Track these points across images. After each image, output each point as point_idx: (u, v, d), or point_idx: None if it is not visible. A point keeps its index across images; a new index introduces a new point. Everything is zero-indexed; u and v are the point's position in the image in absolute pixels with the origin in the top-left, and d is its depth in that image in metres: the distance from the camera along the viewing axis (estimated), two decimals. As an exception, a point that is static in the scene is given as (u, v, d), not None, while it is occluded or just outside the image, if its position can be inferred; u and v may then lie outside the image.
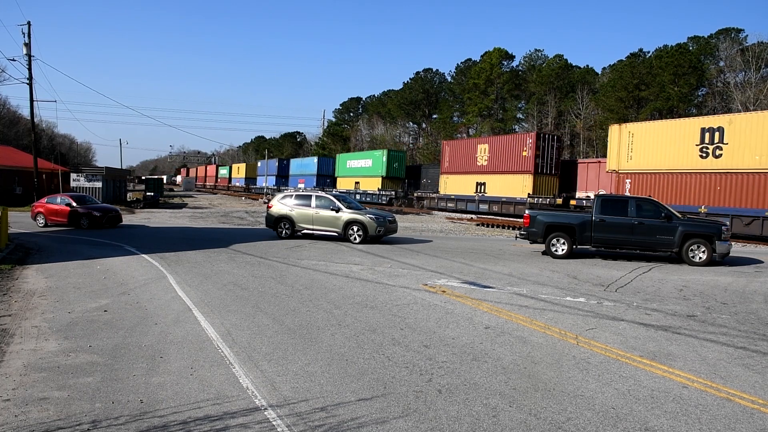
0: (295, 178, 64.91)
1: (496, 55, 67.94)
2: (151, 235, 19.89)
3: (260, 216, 29.69)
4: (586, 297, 9.60)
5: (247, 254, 14.34)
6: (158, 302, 8.74)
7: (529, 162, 31.09)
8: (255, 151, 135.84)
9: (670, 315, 8.37)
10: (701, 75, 50.41)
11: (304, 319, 7.73)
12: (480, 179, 34.85)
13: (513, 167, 32.17)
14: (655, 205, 14.69)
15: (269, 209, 18.84)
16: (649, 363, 6.03)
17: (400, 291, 9.78)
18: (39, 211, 22.20)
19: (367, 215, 17.56)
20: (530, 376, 5.54)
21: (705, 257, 13.70)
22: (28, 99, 34.42)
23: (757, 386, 5.39)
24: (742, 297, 9.87)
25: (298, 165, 66.14)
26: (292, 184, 64.76)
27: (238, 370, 5.59)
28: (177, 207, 42.78)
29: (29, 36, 32.32)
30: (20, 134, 71.07)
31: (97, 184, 38.47)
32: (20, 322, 7.48)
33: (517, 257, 14.98)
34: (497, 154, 33.52)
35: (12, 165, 39.92)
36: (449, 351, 6.34)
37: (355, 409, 4.67)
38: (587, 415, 4.61)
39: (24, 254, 14.09)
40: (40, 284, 10.20)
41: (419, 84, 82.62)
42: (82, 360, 5.88)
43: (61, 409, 4.59)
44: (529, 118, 64.94)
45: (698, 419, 4.58)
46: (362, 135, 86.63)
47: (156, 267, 12.15)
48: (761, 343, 6.95)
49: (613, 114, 52.88)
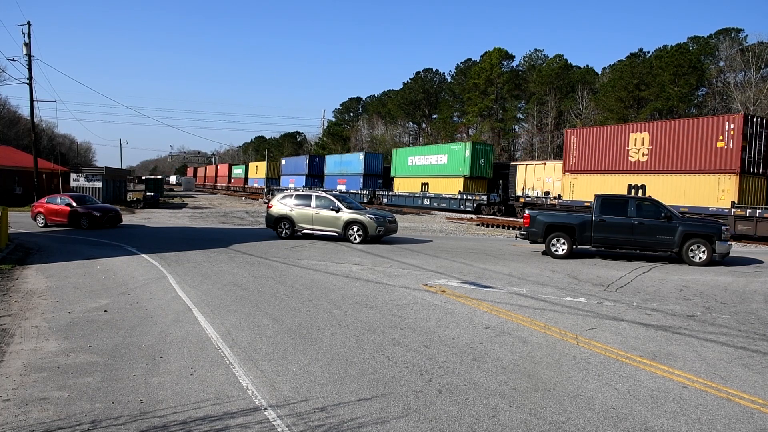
0: (332, 179, 54.59)
1: (496, 55, 67.96)
2: (151, 235, 19.89)
3: (260, 216, 29.69)
4: (586, 297, 9.60)
5: (247, 254, 14.34)
6: (158, 302, 8.74)
7: (730, 156, 21.59)
8: (255, 151, 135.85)
9: (670, 315, 8.37)
10: (701, 75, 50.43)
11: (304, 319, 7.73)
12: (634, 180, 25.75)
13: (698, 163, 22.85)
14: (656, 205, 14.70)
15: (269, 209, 18.85)
16: (649, 363, 6.03)
17: (400, 291, 9.78)
18: (39, 211, 22.20)
19: (367, 215, 17.56)
20: (530, 376, 5.54)
21: (705, 257, 13.70)
22: (28, 99, 34.47)
23: (757, 386, 5.39)
24: (742, 297, 9.87)
25: (336, 163, 55.42)
26: (329, 185, 54.16)
27: (238, 370, 5.59)
28: (177, 207, 42.79)
29: (29, 36, 32.34)
30: (20, 134, 71.08)
31: (97, 184, 38.48)
32: (20, 322, 7.48)
33: (517, 257, 14.98)
34: (666, 145, 24.10)
35: (12, 165, 39.93)
36: (449, 351, 6.34)
37: (355, 409, 4.67)
38: (587, 415, 4.61)
39: (24, 254, 14.09)
40: (40, 284, 10.20)
41: (419, 84, 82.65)
42: (82, 360, 5.88)
43: (61, 409, 4.59)
44: (529, 118, 64.97)
45: (698, 419, 4.58)
46: (362, 135, 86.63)
47: (156, 267, 12.15)
48: (761, 343, 6.95)
49: (613, 114, 52.92)
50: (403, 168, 43.99)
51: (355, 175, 49.69)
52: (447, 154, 38.85)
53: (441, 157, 39.55)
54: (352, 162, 51.42)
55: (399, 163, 44.55)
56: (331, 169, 55.50)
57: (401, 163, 44.24)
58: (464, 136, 71.18)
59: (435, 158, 40.19)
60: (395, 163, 44.98)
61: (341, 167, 53.19)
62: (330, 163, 56.63)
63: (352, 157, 52.83)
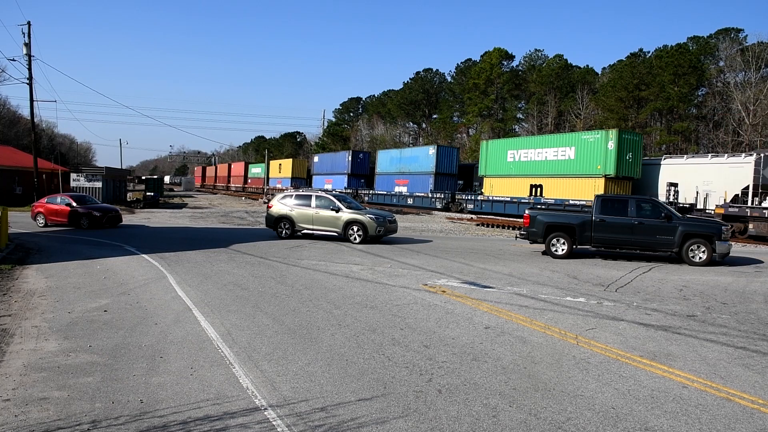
0: (387, 179, 45.20)
1: (496, 55, 67.98)
2: (151, 235, 19.89)
3: (260, 216, 29.69)
4: (586, 297, 9.60)
5: (247, 254, 14.34)
6: (158, 302, 8.74)
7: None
8: (255, 151, 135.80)
9: (670, 315, 8.37)
10: (701, 75, 50.43)
11: (304, 319, 7.73)
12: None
13: None
14: (656, 205, 14.70)
15: (269, 209, 18.85)
16: (649, 363, 6.03)
17: (400, 291, 9.78)
18: (39, 211, 22.20)
19: (367, 215, 17.56)
20: (530, 376, 5.54)
21: (705, 257, 13.70)
22: (28, 99, 34.46)
23: (757, 386, 5.39)
24: (742, 297, 9.87)
25: (393, 159, 45.29)
26: (383, 186, 45.49)
27: (238, 370, 5.59)
28: (177, 207, 42.79)
29: (29, 36, 32.34)
30: (20, 134, 71.06)
31: (97, 184, 38.49)
32: (20, 322, 7.48)
33: (517, 257, 14.98)
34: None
35: (12, 165, 39.93)
36: (449, 351, 6.34)
37: (355, 409, 4.67)
38: (587, 415, 4.61)
39: (24, 254, 14.09)
40: (40, 284, 10.20)
41: (419, 84, 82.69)
42: (82, 360, 5.88)
43: (61, 409, 4.59)
44: (529, 118, 64.97)
45: (698, 419, 4.58)
46: (362, 135, 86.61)
47: (156, 267, 12.15)
48: (761, 343, 6.95)
49: (613, 114, 52.93)
50: (498, 165, 33.85)
51: (423, 174, 40.30)
52: (575, 146, 28.89)
53: (564, 151, 29.55)
54: (417, 158, 41.54)
55: (492, 158, 34.27)
56: (385, 167, 45.94)
57: (496, 158, 34.01)
58: (464, 136, 71.21)
59: (554, 152, 30.15)
60: (486, 158, 34.74)
61: (401, 165, 43.69)
62: (384, 159, 46.46)
63: (417, 151, 42.95)
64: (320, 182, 56.37)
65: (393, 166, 44.83)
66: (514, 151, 33.18)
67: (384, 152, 48.59)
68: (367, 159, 51.74)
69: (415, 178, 41.36)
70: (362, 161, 50.80)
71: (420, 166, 41.02)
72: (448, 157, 40.43)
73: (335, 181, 52.41)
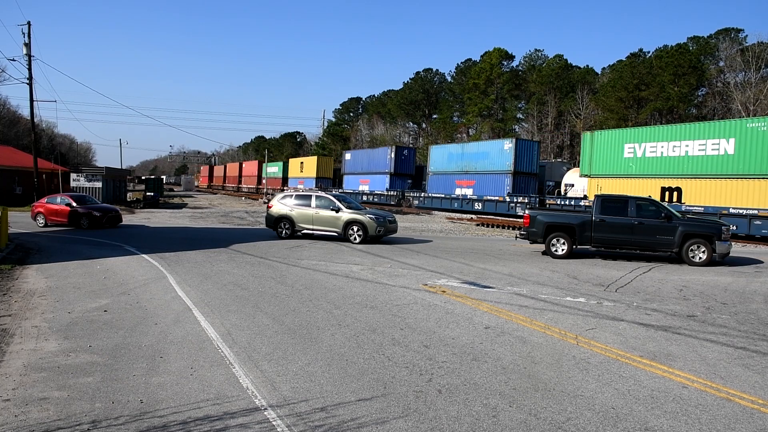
0: (444, 179, 38.29)
1: (496, 55, 68.01)
2: (151, 235, 19.89)
3: (260, 216, 29.68)
4: (586, 297, 9.60)
5: (247, 254, 14.34)
6: (158, 302, 8.74)
7: None
8: (255, 151, 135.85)
9: (670, 315, 8.37)
10: (701, 75, 50.47)
11: (304, 319, 7.73)
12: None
13: None
14: (655, 205, 14.70)
15: (269, 209, 18.85)
16: (649, 363, 6.03)
17: (400, 291, 9.78)
18: (39, 211, 22.20)
19: (367, 215, 17.56)
20: (530, 376, 5.54)
21: (705, 257, 13.70)
22: (28, 99, 34.45)
23: (757, 386, 5.39)
24: (742, 297, 9.87)
25: (452, 156, 37.95)
26: (439, 188, 38.41)
27: (238, 370, 5.59)
28: (177, 207, 42.79)
29: (29, 36, 32.32)
30: (20, 134, 71.08)
31: (97, 184, 38.49)
32: (20, 322, 7.48)
33: (517, 257, 14.98)
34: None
35: (12, 165, 39.92)
36: (449, 351, 6.34)
37: (355, 409, 4.67)
38: (587, 415, 4.61)
39: (24, 254, 14.09)
40: (40, 284, 10.20)
41: (419, 84, 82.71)
42: (82, 360, 5.88)
43: (61, 409, 4.59)
44: (529, 118, 64.99)
45: (698, 419, 4.58)
46: (362, 135, 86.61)
47: (156, 267, 12.15)
48: (761, 343, 6.95)
49: (613, 114, 52.97)
50: (610, 161, 26.80)
51: (496, 173, 33.78)
52: (734, 137, 21.75)
53: (716, 143, 22.50)
54: (488, 154, 34.77)
55: (600, 153, 27.23)
56: (440, 165, 39.00)
57: (606, 153, 26.95)
58: (464, 137, 71.22)
59: (699, 145, 23.09)
60: (590, 154, 27.67)
61: (463, 162, 36.64)
62: (439, 156, 39.36)
63: (488, 146, 35.73)
64: (353, 183, 49.07)
65: (452, 164, 37.58)
66: (634, 144, 25.80)
67: (439, 148, 41.12)
68: (412, 156, 45.14)
69: (485, 178, 34.55)
70: (407, 158, 43.83)
71: (491, 164, 34.24)
72: (528, 152, 33.51)
73: (373, 181, 45.25)
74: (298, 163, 64.76)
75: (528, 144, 35.50)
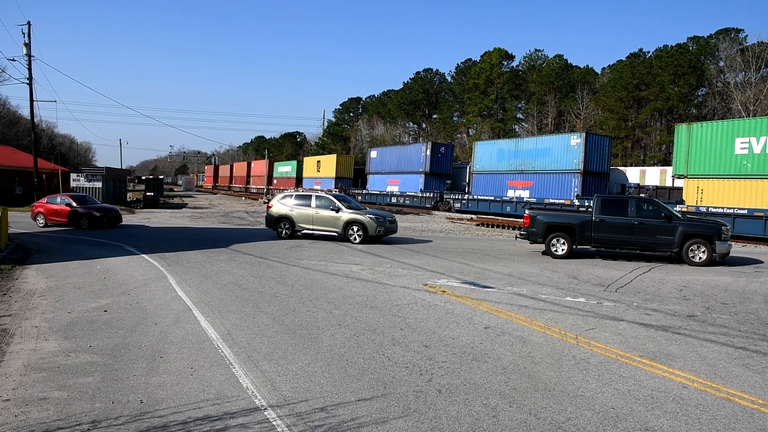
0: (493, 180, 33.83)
1: (496, 55, 67.99)
2: (151, 235, 19.89)
3: (260, 216, 29.68)
4: (586, 297, 9.60)
5: (247, 254, 14.34)
6: (158, 302, 8.74)
7: None
8: (255, 151, 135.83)
9: (670, 315, 8.37)
10: (701, 75, 50.45)
11: (304, 319, 7.73)
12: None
13: None
14: (656, 205, 14.70)
15: (269, 209, 18.86)
16: (649, 363, 6.02)
17: (400, 291, 9.78)
18: (39, 211, 22.20)
19: (367, 215, 17.56)
20: (530, 376, 5.54)
21: (705, 257, 13.69)
22: (28, 99, 34.45)
23: (757, 386, 5.39)
24: (742, 297, 9.87)
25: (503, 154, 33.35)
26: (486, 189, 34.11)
27: (238, 370, 5.59)
28: (177, 207, 42.79)
29: (29, 36, 32.33)
30: (20, 134, 71.06)
31: (97, 184, 38.49)
32: (20, 322, 7.48)
33: (517, 257, 14.98)
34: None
35: (12, 165, 39.92)
36: (449, 351, 6.34)
37: (355, 409, 4.67)
38: (587, 415, 4.61)
39: (24, 254, 14.09)
40: (40, 284, 10.20)
41: (419, 84, 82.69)
42: (82, 360, 5.88)
43: (61, 409, 4.59)
44: (529, 118, 64.98)
45: (698, 419, 4.58)
46: (362, 135, 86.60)
47: (156, 267, 12.14)
48: (761, 343, 6.95)
49: (613, 114, 52.98)
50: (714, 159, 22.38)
51: (560, 173, 29.40)
52: None
53: None
54: (549, 151, 30.17)
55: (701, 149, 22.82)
56: (488, 164, 34.28)
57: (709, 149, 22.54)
58: (464, 137, 71.22)
59: None
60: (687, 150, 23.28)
61: (518, 160, 31.93)
62: (486, 153, 34.43)
63: (548, 142, 31.10)
64: (379, 183, 44.32)
65: (503, 163, 33.11)
66: (750, 138, 21.23)
67: (486, 144, 36.28)
68: (449, 153, 40.40)
69: (546, 179, 30.19)
70: (444, 156, 39.29)
71: (554, 162, 29.89)
72: (598, 149, 28.83)
73: (405, 181, 40.84)
74: (314, 162, 58.55)
75: (599, 140, 30.03)
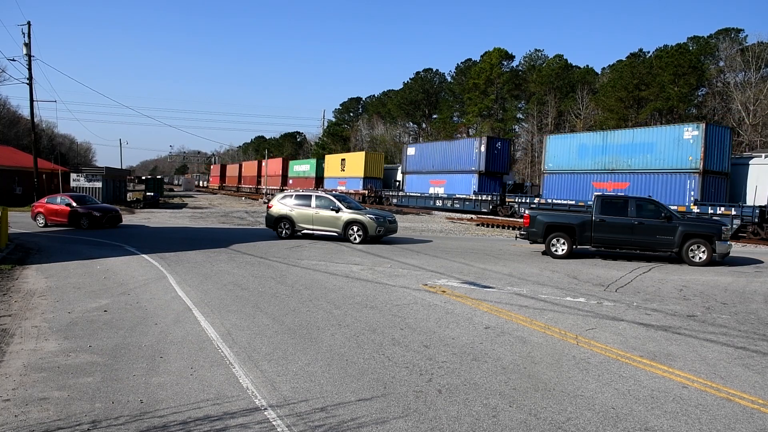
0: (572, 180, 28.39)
1: (496, 55, 68.01)
2: (151, 235, 19.89)
3: (260, 216, 29.68)
4: (586, 297, 9.60)
5: (247, 254, 14.34)
6: (158, 302, 8.74)
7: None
8: (255, 151, 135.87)
9: (670, 315, 8.37)
10: (701, 75, 50.46)
11: (304, 319, 7.73)
12: None
13: None
14: (656, 205, 14.70)
15: (269, 209, 18.86)
16: (649, 363, 6.02)
17: (400, 291, 9.78)
18: (39, 211, 22.20)
19: (367, 215, 17.55)
20: (530, 376, 5.54)
21: (705, 257, 13.69)
22: (28, 99, 34.44)
23: (757, 386, 5.39)
24: (742, 297, 9.87)
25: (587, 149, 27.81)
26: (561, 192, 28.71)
27: (238, 370, 5.59)
28: (177, 207, 42.79)
29: (29, 36, 32.30)
30: (20, 134, 71.06)
31: (97, 184, 38.49)
32: (20, 322, 7.48)
33: (517, 257, 14.98)
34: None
35: (12, 165, 39.91)
36: (449, 351, 6.34)
37: (355, 409, 4.67)
38: (587, 415, 4.61)
39: (24, 254, 14.08)
40: (40, 284, 10.20)
41: (419, 84, 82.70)
42: (82, 360, 5.88)
43: (61, 409, 4.59)
44: (529, 118, 64.98)
45: (698, 419, 4.58)
46: (362, 135, 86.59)
47: (156, 267, 12.14)
48: (761, 343, 6.95)
49: (614, 114, 52.97)
50: None
51: (665, 172, 24.31)
52: None
53: None
54: (653, 146, 24.87)
55: None
56: (566, 161, 28.64)
57: None
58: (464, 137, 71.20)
59: None
60: None
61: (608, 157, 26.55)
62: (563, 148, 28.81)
63: (650, 134, 25.50)
64: (419, 184, 39.10)
65: (587, 160, 27.53)
66: None
67: (563, 138, 29.93)
68: (506, 149, 34.87)
69: (647, 179, 24.96)
70: (500, 153, 34.11)
71: (660, 160, 24.50)
72: (718, 143, 23.50)
73: (452, 182, 35.44)
74: (337, 160, 51.85)
75: (719, 132, 23.99)
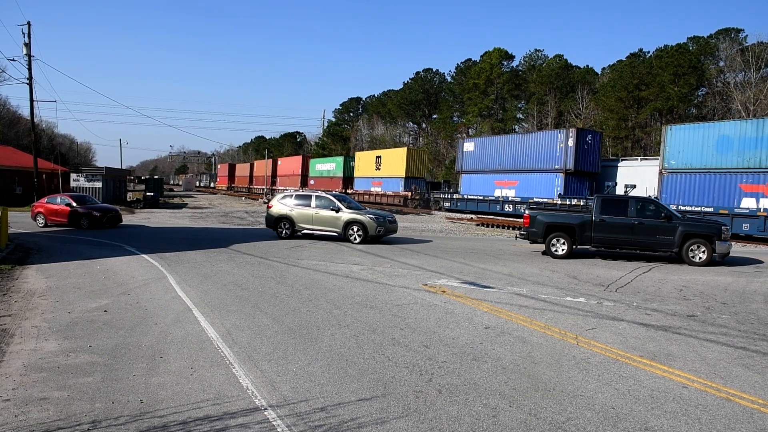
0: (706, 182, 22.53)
1: (496, 55, 67.97)
2: (151, 235, 19.89)
3: (260, 216, 29.68)
4: (586, 297, 9.60)
5: (247, 254, 14.34)
6: (158, 302, 8.74)
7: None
8: (255, 151, 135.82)
9: (670, 315, 8.37)
10: (701, 75, 50.45)
11: (304, 319, 7.73)
12: None
13: None
14: (655, 205, 14.70)
15: (269, 209, 18.86)
16: (649, 363, 6.02)
17: (400, 291, 9.78)
18: (39, 211, 22.20)
19: (367, 215, 17.56)
20: (530, 376, 5.54)
21: (705, 257, 13.70)
22: (28, 99, 34.44)
23: (757, 386, 5.39)
24: (742, 297, 9.87)
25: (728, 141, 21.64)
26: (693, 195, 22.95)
27: (238, 370, 5.59)
28: (177, 207, 42.79)
29: (29, 36, 32.31)
30: (20, 134, 71.03)
31: (97, 184, 38.49)
32: (20, 322, 7.48)
33: (517, 257, 14.98)
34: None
35: (12, 165, 39.91)
36: (449, 351, 6.34)
37: (355, 409, 4.67)
38: (587, 415, 4.61)
39: (24, 254, 14.08)
40: (40, 284, 10.20)
41: (419, 84, 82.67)
42: (82, 360, 5.88)
43: (61, 409, 4.59)
44: (529, 118, 64.97)
45: (698, 419, 4.58)
46: (362, 135, 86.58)
47: (156, 267, 12.14)
48: (761, 343, 6.95)
49: (613, 114, 52.96)
50: None
51: None
52: None
53: None
54: None
55: None
56: (696, 157, 22.97)
57: None
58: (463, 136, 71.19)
59: None
60: None
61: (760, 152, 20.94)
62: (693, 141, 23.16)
63: None
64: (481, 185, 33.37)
65: (729, 156, 21.92)
66: None
67: (694, 128, 23.56)
68: (598, 144, 28.76)
69: None
70: (591, 148, 28.24)
71: None
72: None
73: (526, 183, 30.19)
74: (371, 157, 44.26)
75: None
